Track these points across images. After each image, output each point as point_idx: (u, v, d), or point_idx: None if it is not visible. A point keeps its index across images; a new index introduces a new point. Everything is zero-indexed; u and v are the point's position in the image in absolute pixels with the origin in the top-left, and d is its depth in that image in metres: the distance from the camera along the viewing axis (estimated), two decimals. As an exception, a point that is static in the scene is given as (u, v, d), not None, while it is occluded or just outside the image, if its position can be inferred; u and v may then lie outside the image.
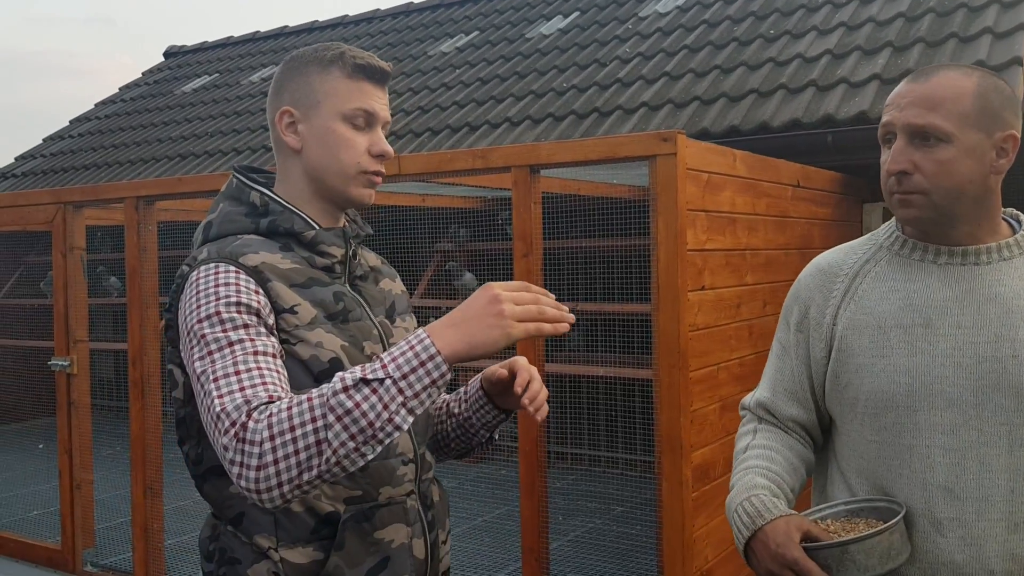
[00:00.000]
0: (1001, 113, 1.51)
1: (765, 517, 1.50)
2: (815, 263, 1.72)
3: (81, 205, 4.41)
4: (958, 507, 1.47)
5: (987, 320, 1.50)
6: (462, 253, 6.44)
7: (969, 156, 1.49)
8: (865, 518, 1.54)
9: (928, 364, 1.50)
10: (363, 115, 1.53)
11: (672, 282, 2.89)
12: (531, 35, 8.03)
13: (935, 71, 1.54)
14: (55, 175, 9.02)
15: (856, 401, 1.57)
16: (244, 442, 1.23)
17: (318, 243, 1.53)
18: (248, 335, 1.35)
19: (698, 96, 5.71)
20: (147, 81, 11.20)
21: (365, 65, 1.53)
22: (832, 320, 1.62)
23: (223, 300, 1.37)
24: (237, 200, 1.57)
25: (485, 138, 6.34)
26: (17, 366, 7.61)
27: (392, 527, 1.50)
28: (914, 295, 1.55)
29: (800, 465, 1.67)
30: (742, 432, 1.75)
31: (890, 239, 1.64)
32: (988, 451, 1.47)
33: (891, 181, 1.54)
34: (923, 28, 5.45)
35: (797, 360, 1.68)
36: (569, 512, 5.18)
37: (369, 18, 10.41)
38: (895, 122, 1.53)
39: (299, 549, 1.44)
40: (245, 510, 1.46)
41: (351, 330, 1.49)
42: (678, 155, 2.87)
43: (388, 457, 1.51)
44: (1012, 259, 1.54)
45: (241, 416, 1.25)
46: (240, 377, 1.30)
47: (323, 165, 1.53)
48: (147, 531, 4.10)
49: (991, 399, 1.48)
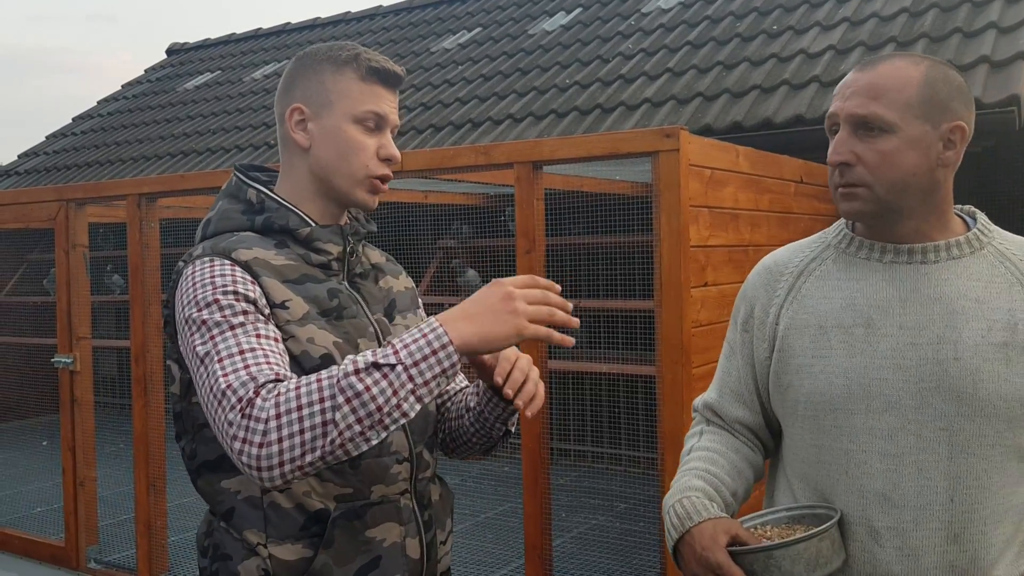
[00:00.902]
0: (949, 103, 1.45)
1: (694, 519, 1.47)
2: (763, 262, 1.67)
3: (83, 202, 4.41)
4: (896, 515, 1.42)
5: (930, 321, 1.44)
6: (465, 250, 6.43)
7: (913, 147, 1.44)
8: (805, 525, 1.49)
9: (867, 366, 1.45)
10: (374, 118, 1.53)
11: (675, 278, 2.88)
12: (534, 31, 8.01)
13: (883, 59, 1.48)
14: (58, 172, 9.03)
15: (796, 403, 1.52)
16: (250, 419, 1.22)
17: (313, 240, 1.52)
18: (248, 320, 1.36)
19: (701, 92, 5.69)
20: (149, 78, 11.20)
21: (379, 68, 1.53)
22: (775, 320, 1.57)
23: (220, 289, 1.38)
24: (235, 198, 1.57)
25: (488, 135, 6.33)
26: (20, 363, 7.62)
27: (384, 526, 1.49)
28: (857, 294, 1.50)
29: (746, 468, 1.62)
30: (689, 434, 1.71)
31: (838, 237, 1.59)
32: (927, 457, 1.41)
33: (834, 173, 1.49)
34: (927, 23, 5.43)
35: (743, 361, 1.63)
36: (572, 509, 5.18)
37: (372, 14, 10.40)
38: (838, 112, 1.48)
39: (288, 545, 1.44)
40: (235, 505, 1.46)
41: (345, 327, 1.49)
42: (681, 151, 2.86)
43: (381, 455, 1.49)
44: (961, 258, 1.48)
45: (248, 392, 1.24)
46: (244, 356, 1.30)
47: (331, 165, 1.53)
48: (150, 528, 4.10)
49: (930, 403, 1.42)
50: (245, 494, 1.45)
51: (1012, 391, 1.41)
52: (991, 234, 1.52)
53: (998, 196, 5.81)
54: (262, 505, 1.44)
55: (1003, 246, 1.51)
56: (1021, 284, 1.47)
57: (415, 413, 1.25)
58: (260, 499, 1.44)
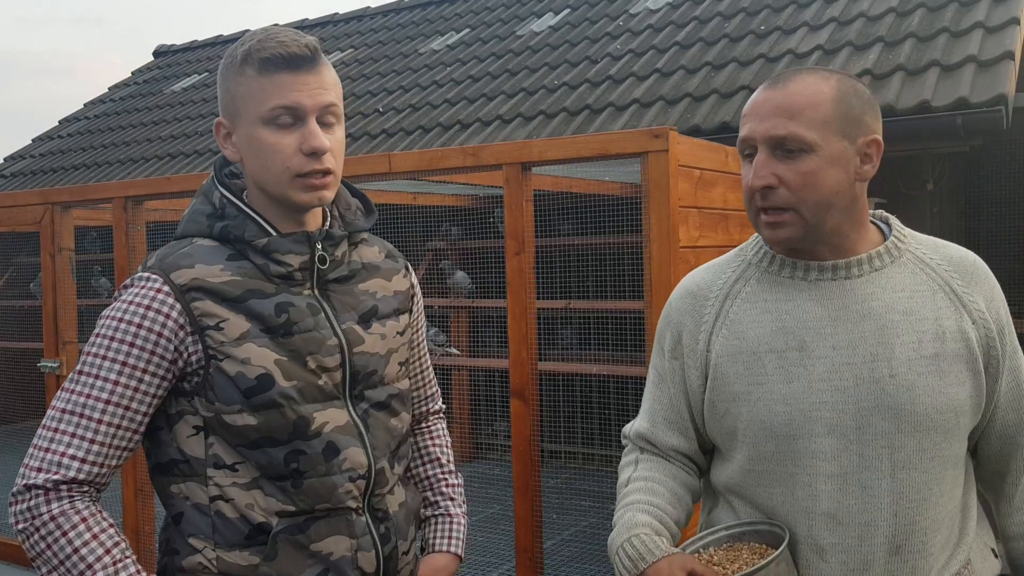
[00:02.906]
0: (862, 117, 1.44)
1: (647, 560, 1.44)
2: (683, 285, 1.64)
3: (69, 205, 4.37)
4: (841, 532, 1.42)
5: (862, 339, 1.43)
6: (454, 251, 6.42)
7: (834, 165, 1.41)
8: (748, 543, 1.49)
9: (805, 390, 1.44)
10: (284, 112, 1.40)
11: (665, 279, 2.87)
12: (522, 32, 8.01)
13: (791, 76, 1.45)
14: (44, 175, 8.97)
15: (735, 430, 1.50)
16: (29, 520, 1.36)
17: (271, 251, 1.45)
18: (120, 381, 1.38)
19: (689, 92, 5.70)
20: (136, 81, 11.15)
21: (273, 56, 1.39)
22: (705, 346, 1.54)
23: (118, 337, 1.40)
24: (206, 197, 1.52)
25: (476, 136, 6.32)
26: (7, 368, 7.57)
27: (331, 539, 1.46)
28: (786, 316, 1.47)
29: (685, 494, 1.61)
30: (623, 464, 1.68)
31: (758, 255, 1.55)
32: (870, 475, 1.42)
33: (756, 197, 1.45)
34: (914, 23, 5.44)
35: (674, 388, 1.60)
36: (563, 510, 5.17)
37: (359, 16, 10.38)
38: (754, 135, 1.44)
39: (236, 552, 1.43)
40: (184, 510, 1.45)
41: (293, 343, 1.44)
42: (670, 152, 2.85)
43: (330, 473, 1.45)
44: (884, 268, 1.47)
45: (37, 496, 1.36)
46: (79, 423, 1.38)
47: (258, 176, 1.45)
48: (138, 533, 4.07)
49: (871, 422, 1.42)
50: (193, 500, 1.44)
51: (947, 402, 1.43)
52: (907, 240, 1.52)
53: (986, 195, 5.83)
54: (210, 512, 1.43)
55: (919, 251, 1.51)
56: (943, 291, 1.47)
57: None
58: (208, 506, 1.43)
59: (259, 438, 1.42)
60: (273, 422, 1.41)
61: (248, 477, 1.43)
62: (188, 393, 1.43)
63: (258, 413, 1.41)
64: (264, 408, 1.41)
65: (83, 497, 1.38)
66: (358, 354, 1.50)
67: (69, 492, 1.37)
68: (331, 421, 1.46)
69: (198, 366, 1.41)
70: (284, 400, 1.42)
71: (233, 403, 1.40)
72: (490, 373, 6.27)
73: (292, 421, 1.42)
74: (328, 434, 1.45)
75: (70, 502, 1.36)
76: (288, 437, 1.42)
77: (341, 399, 1.49)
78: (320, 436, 1.45)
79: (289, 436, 1.43)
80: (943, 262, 1.51)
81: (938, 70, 4.89)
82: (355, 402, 1.51)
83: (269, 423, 1.41)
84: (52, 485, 1.35)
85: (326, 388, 1.46)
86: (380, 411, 1.54)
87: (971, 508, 1.53)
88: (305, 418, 1.43)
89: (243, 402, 1.40)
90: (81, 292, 5.24)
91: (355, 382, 1.51)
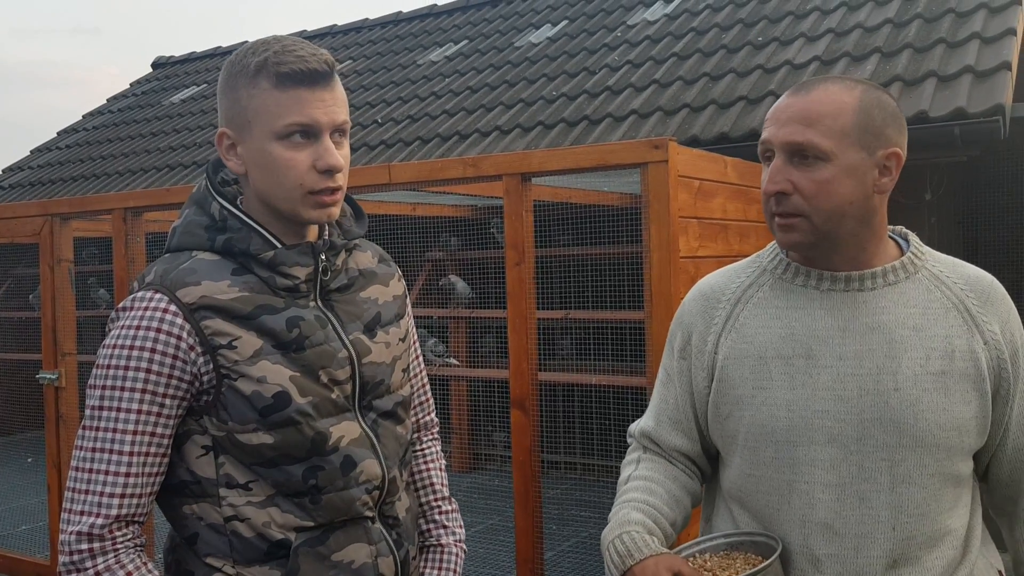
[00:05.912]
0: (884, 130, 1.43)
1: (635, 556, 1.44)
2: (698, 287, 1.64)
3: (68, 217, 4.38)
4: (837, 543, 1.42)
5: (870, 351, 1.43)
6: (453, 262, 6.42)
7: (850, 175, 1.41)
8: (744, 552, 1.47)
9: (808, 398, 1.44)
10: (300, 129, 1.37)
11: (665, 289, 2.88)
12: (520, 44, 8.03)
13: (816, 84, 1.45)
14: (42, 187, 8.97)
15: (737, 433, 1.51)
16: (75, 561, 1.33)
17: (278, 264, 1.42)
18: (143, 412, 1.36)
19: (687, 103, 5.71)
20: (135, 92, 11.17)
21: (294, 72, 1.36)
22: (713, 348, 1.55)
23: (134, 366, 1.36)
24: (201, 208, 1.47)
25: (475, 147, 6.33)
26: (5, 379, 7.56)
27: (352, 548, 1.45)
28: (795, 324, 1.48)
29: (684, 496, 1.60)
30: (626, 461, 1.67)
31: (773, 262, 1.56)
32: (868, 487, 1.41)
33: (770, 202, 1.46)
34: (911, 34, 5.47)
35: (681, 389, 1.60)
36: (563, 521, 5.16)
37: (358, 27, 10.40)
38: (773, 139, 1.45)
39: (256, 567, 1.41)
40: (199, 531, 1.42)
41: (306, 358, 1.41)
42: (669, 162, 2.86)
43: (348, 487, 1.45)
44: (897, 283, 1.47)
45: (82, 547, 1.33)
46: (111, 462, 1.35)
47: (267, 190, 1.41)
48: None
49: (872, 434, 1.41)
50: (208, 520, 1.41)
51: (950, 420, 1.42)
52: (924, 257, 1.52)
53: (984, 205, 5.85)
54: (225, 532, 1.41)
55: (936, 268, 1.51)
56: (957, 309, 1.47)
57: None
58: (223, 526, 1.41)
59: (276, 456, 1.39)
60: (291, 440, 1.39)
61: (263, 495, 1.41)
62: (197, 412, 1.40)
63: (275, 431, 1.38)
64: (281, 426, 1.39)
65: (127, 548, 1.35)
66: (367, 364, 1.49)
67: (113, 540, 1.34)
68: (346, 435, 1.45)
69: (209, 385, 1.38)
70: (301, 417, 1.40)
71: (248, 422, 1.38)
72: (489, 383, 6.27)
73: (310, 438, 1.41)
74: (345, 448, 1.44)
75: (115, 556, 1.34)
76: (306, 454, 1.41)
77: (352, 411, 1.48)
78: (338, 451, 1.43)
79: (307, 453, 1.41)
80: (959, 281, 1.50)
81: (935, 81, 4.91)
82: (364, 413, 1.50)
83: (286, 441, 1.39)
84: (98, 530, 1.33)
85: (339, 401, 1.45)
86: (387, 420, 1.53)
87: (975, 528, 1.51)
88: (323, 434, 1.42)
89: (259, 420, 1.38)
90: (80, 304, 5.24)
91: (364, 393, 1.49)
